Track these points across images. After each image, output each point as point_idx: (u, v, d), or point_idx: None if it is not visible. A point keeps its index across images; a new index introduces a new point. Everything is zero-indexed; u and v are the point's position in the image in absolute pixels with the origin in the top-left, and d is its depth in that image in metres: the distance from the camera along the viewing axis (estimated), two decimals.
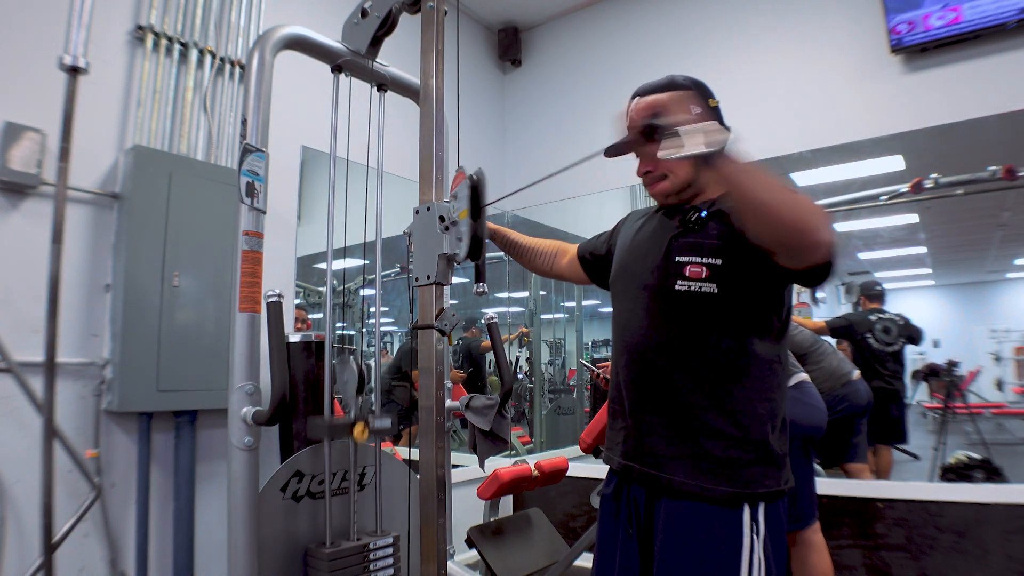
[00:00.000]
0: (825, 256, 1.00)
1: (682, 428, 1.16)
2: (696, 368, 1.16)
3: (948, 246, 6.02)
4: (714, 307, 1.15)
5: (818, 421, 2.33)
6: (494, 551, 2.33)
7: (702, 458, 1.13)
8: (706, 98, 1.28)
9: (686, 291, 1.16)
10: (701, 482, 1.13)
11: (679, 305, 1.18)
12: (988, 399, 5.72)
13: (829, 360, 3.12)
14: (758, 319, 1.16)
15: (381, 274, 2.02)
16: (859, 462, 3.21)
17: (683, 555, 1.12)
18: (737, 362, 1.15)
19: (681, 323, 1.18)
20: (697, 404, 1.15)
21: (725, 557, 1.10)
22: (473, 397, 2.08)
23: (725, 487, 1.12)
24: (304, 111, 2.62)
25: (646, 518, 1.20)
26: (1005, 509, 2.26)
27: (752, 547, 1.10)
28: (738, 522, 1.11)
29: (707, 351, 1.15)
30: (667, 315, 1.19)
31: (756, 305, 1.16)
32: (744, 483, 1.12)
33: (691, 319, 1.17)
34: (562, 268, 1.60)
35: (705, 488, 1.12)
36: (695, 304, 1.16)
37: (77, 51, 1.73)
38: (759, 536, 1.11)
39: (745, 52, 3.18)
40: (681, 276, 1.18)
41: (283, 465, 1.73)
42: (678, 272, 1.18)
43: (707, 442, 1.13)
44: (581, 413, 4.54)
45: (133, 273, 2.00)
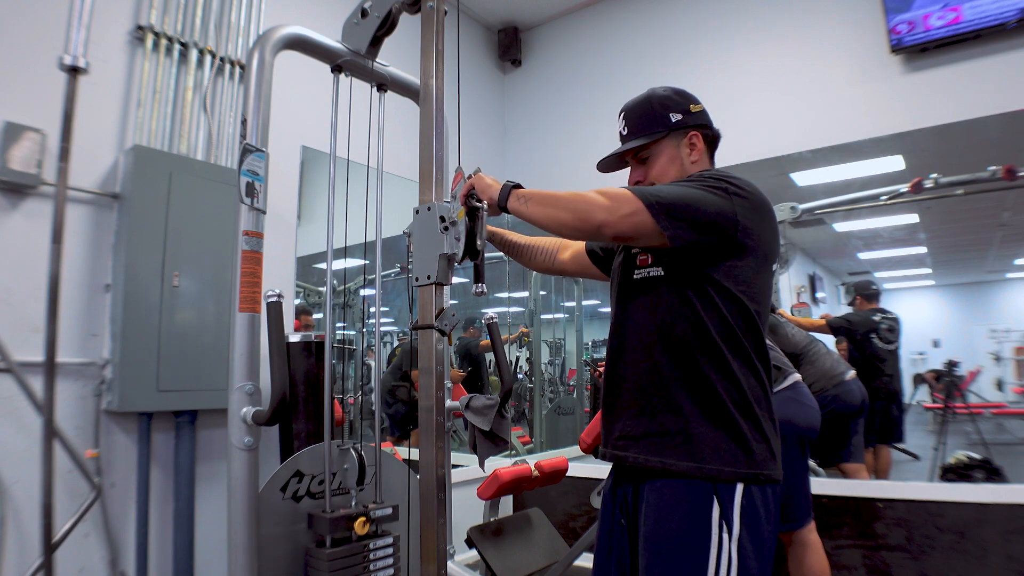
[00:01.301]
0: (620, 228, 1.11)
1: (644, 407, 1.21)
2: (657, 349, 1.21)
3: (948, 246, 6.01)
4: (664, 288, 1.22)
5: (812, 421, 2.34)
6: (494, 551, 2.33)
7: (662, 435, 1.18)
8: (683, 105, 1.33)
9: (642, 278, 1.26)
10: (662, 458, 1.17)
11: (637, 292, 1.27)
12: (988, 399, 5.71)
13: (823, 361, 3.12)
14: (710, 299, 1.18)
15: (381, 274, 2.02)
16: (856, 462, 3.20)
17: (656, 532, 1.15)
18: (695, 341, 1.18)
19: (641, 308, 1.25)
20: (657, 383, 1.20)
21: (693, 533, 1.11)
22: (473, 397, 2.08)
23: (688, 462, 1.14)
24: (304, 111, 2.62)
25: (634, 507, 1.24)
26: (1005, 509, 2.26)
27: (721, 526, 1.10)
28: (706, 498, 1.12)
29: (666, 332, 1.20)
30: (630, 303, 1.28)
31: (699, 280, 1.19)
32: (708, 458, 1.13)
33: (648, 303, 1.24)
34: (564, 263, 1.61)
35: (666, 463, 1.16)
36: (648, 288, 1.24)
37: (77, 51, 1.73)
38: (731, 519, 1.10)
39: (745, 52, 3.18)
40: (636, 266, 1.28)
41: (283, 465, 1.73)
42: (633, 262, 1.29)
43: (665, 417, 1.18)
44: (581, 413, 4.54)
45: (133, 273, 2.00)
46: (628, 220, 1.10)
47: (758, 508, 1.13)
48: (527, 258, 1.64)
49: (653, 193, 1.13)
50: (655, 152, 1.32)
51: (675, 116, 1.31)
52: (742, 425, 1.15)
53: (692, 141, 1.32)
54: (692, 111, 1.33)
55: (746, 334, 1.19)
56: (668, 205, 1.11)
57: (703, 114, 1.35)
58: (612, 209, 1.10)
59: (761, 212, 1.20)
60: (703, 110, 1.35)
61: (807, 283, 5.12)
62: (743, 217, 1.16)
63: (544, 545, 2.50)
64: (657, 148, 1.32)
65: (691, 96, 1.35)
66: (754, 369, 1.19)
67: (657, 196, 1.12)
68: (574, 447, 3.60)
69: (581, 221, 1.12)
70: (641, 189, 1.14)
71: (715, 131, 1.36)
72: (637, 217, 1.10)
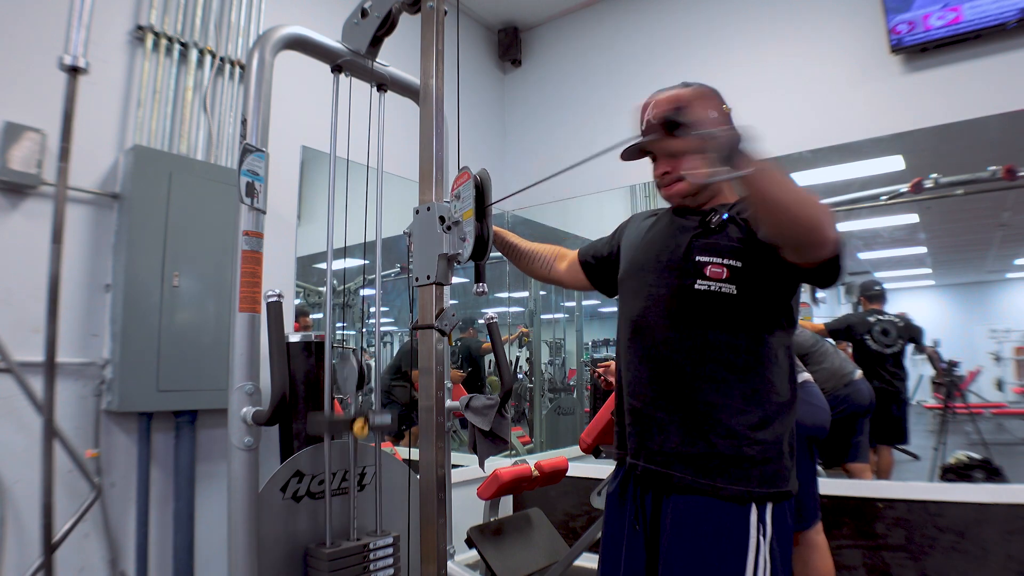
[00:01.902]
0: (832, 252, 1.03)
1: (695, 426, 1.17)
2: (712, 367, 1.17)
3: (948, 246, 6.01)
4: (732, 308, 1.17)
5: (822, 421, 2.33)
6: (494, 551, 2.33)
7: (713, 456, 1.15)
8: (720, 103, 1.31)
9: (706, 291, 1.18)
10: (712, 480, 1.14)
11: (698, 304, 1.19)
12: (988, 399, 5.71)
13: (831, 360, 3.12)
14: (772, 321, 1.19)
15: (381, 274, 2.02)
16: (861, 462, 3.20)
17: (689, 551, 1.13)
18: (751, 362, 1.17)
19: (699, 322, 1.19)
20: (711, 402, 1.16)
21: (730, 555, 1.11)
22: (473, 397, 2.08)
23: (736, 486, 1.13)
24: (304, 111, 2.61)
25: (652, 514, 1.22)
26: (1005, 509, 2.26)
27: (758, 547, 1.11)
28: (745, 521, 1.12)
29: (723, 350, 1.17)
30: (685, 314, 1.21)
31: (770, 307, 1.19)
32: (754, 482, 1.13)
33: (709, 318, 1.18)
34: (560, 273, 1.59)
35: (716, 486, 1.14)
36: (713, 304, 1.18)
37: (77, 51, 1.73)
38: (765, 537, 1.12)
39: (745, 52, 3.18)
40: (701, 276, 1.19)
41: (283, 465, 1.73)
42: (698, 272, 1.20)
43: (719, 440, 1.15)
44: (581, 413, 4.54)
45: (133, 273, 2.00)
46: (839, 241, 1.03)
47: (786, 523, 1.16)
48: (525, 263, 1.63)
49: None
50: None
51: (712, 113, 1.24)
52: (784, 448, 1.17)
53: None
54: (724, 111, 1.31)
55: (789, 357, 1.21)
56: None
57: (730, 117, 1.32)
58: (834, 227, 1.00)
59: None
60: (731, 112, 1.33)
61: None
62: None
63: (544, 545, 2.50)
64: None
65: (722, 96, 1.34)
66: (793, 391, 1.21)
67: None
68: (574, 447, 3.60)
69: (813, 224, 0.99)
70: None
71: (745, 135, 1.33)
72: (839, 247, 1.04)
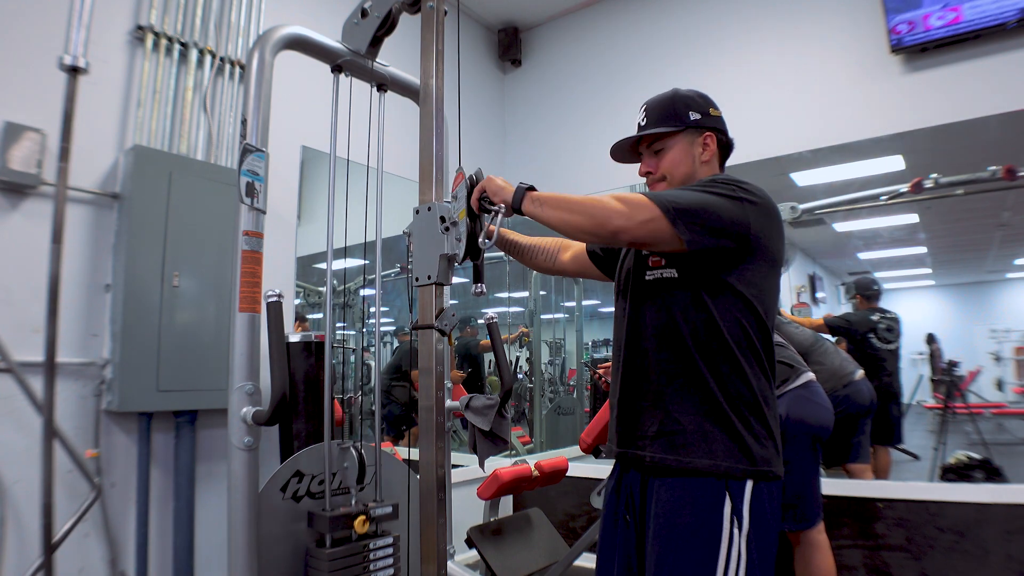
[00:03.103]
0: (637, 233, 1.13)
1: (660, 406, 1.23)
2: (671, 349, 1.23)
3: (948, 246, 6.01)
4: (678, 289, 1.24)
5: (826, 420, 2.32)
6: (494, 551, 2.33)
7: (678, 433, 1.20)
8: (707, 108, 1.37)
9: (655, 279, 1.28)
10: (678, 455, 1.19)
11: (650, 292, 1.29)
12: (988, 399, 5.71)
13: (831, 359, 3.11)
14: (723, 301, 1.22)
15: (381, 274, 2.02)
16: (862, 462, 3.19)
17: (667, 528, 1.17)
18: (708, 341, 1.21)
19: (654, 309, 1.28)
20: (672, 382, 1.23)
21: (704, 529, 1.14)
22: (473, 397, 2.08)
23: (703, 459, 1.17)
24: (304, 111, 2.62)
25: (641, 503, 1.26)
26: (1005, 509, 2.26)
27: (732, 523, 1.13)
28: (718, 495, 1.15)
29: (680, 332, 1.23)
30: (643, 303, 1.30)
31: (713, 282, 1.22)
32: (719, 456, 1.16)
33: (661, 304, 1.26)
34: (564, 263, 1.62)
35: (682, 460, 1.18)
36: (663, 290, 1.27)
37: (77, 51, 1.73)
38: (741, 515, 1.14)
39: (745, 52, 3.18)
40: (648, 267, 1.30)
41: (283, 465, 1.73)
42: (646, 263, 1.31)
43: (683, 417, 1.20)
44: (581, 413, 4.54)
45: (133, 273, 2.00)
46: (645, 226, 1.12)
47: (765, 504, 1.17)
48: (528, 258, 1.65)
49: (669, 199, 1.15)
50: (669, 145, 1.36)
51: (694, 115, 1.35)
52: (753, 424, 1.19)
53: (706, 141, 1.36)
54: (711, 114, 1.38)
55: (756, 335, 1.23)
56: (684, 211, 1.14)
57: (721, 120, 1.40)
58: (629, 215, 1.12)
59: (771, 218, 1.25)
60: (721, 117, 1.40)
61: (807, 283, 5.12)
62: (755, 223, 1.19)
63: (544, 545, 2.50)
64: (671, 141, 1.36)
65: (712, 101, 1.40)
66: (763, 369, 1.23)
67: (673, 202, 1.14)
68: (574, 447, 3.60)
69: (598, 226, 1.14)
70: (657, 194, 1.16)
71: (730, 139, 1.41)
72: (654, 223, 1.13)
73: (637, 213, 1.12)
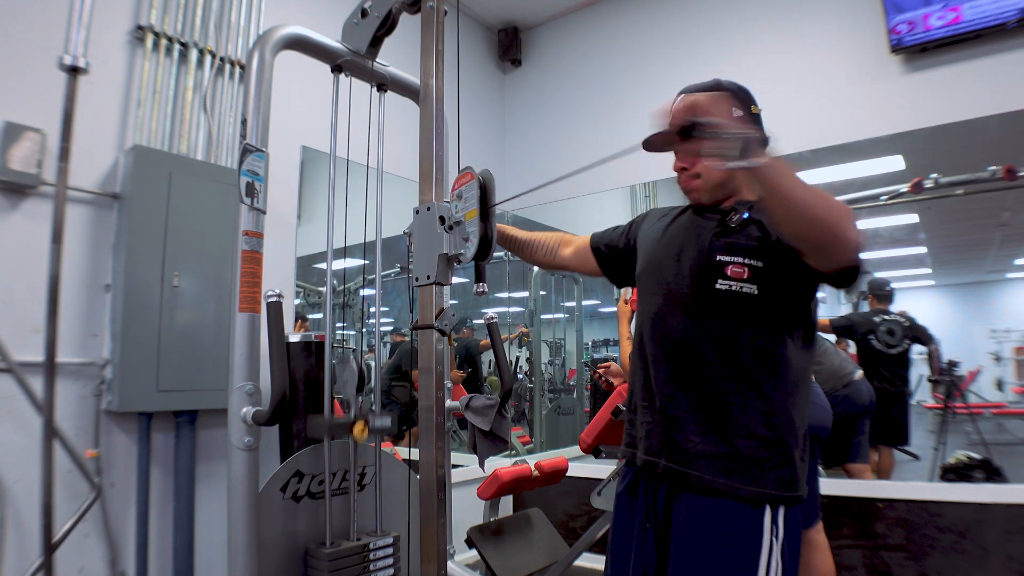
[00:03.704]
0: (853, 255, 1.02)
1: (714, 426, 1.17)
2: (732, 367, 1.17)
3: (948, 246, 6.01)
4: (753, 308, 1.16)
5: (824, 421, 2.33)
6: (494, 551, 2.33)
7: (732, 457, 1.15)
8: (748, 104, 1.29)
9: (726, 290, 1.17)
10: (730, 480, 1.14)
11: (718, 304, 1.18)
12: (988, 399, 5.71)
13: (831, 360, 3.11)
14: (792, 322, 1.18)
15: (381, 274, 2.02)
16: (861, 462, 3.20)
17: (701, 551, 1.14)
18: (771, 364, 1.16)
19: (719, 322, 1.18)
20: (731, 403, 1.16)
21: (743, 556, 1.11)
22: (473, 397, 2.08)
23: (753, 487, 1.13)
24: (304, 111, 2.62)
25: (664, 512, 1.21)
26: (1005, 509, 2.26)
27: (771, 549, 1.11)
28: (759, 523, 1.12)
29: (744, 351, 1.16)
30: (705, 313, 1.20)
31: (791, 308, 1.18)
32: (770, 484, 1.13)
33: (729, 318, 1.18)
34: (565, 258, 1.59)
35: (734, 487, 1.13)
36: (734, 304, 1.17)
37: (77, 51, 1.73)
38: (778, 539, 1.13)
39: (745, 52, 3.18)
40: (722, 275, 1.18)
41: (283, 465, 1.73)
42: (719, 271, 1.19)
43: (739, 441, 1.15)
44: (581, 413, 4.54)
45: (133, 273, 2.00)
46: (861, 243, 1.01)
47: (796, 526, 1.17)
48: (528, 253, 1.63)
49: None
50: None
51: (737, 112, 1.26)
52: (795, 451, 1.16)
53: None
54: (753, 112, 1.29)
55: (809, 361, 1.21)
56: None
57: (759, 117, 1.31)
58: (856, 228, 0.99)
59: None
60: (760, 113, 1.31)
61: None
62: None
63: (544, 545, 2.50)
64: None
65: (753, 97, 1.32)
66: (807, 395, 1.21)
67: None
68: (574, 447, 3.60)
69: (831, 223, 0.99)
70: None
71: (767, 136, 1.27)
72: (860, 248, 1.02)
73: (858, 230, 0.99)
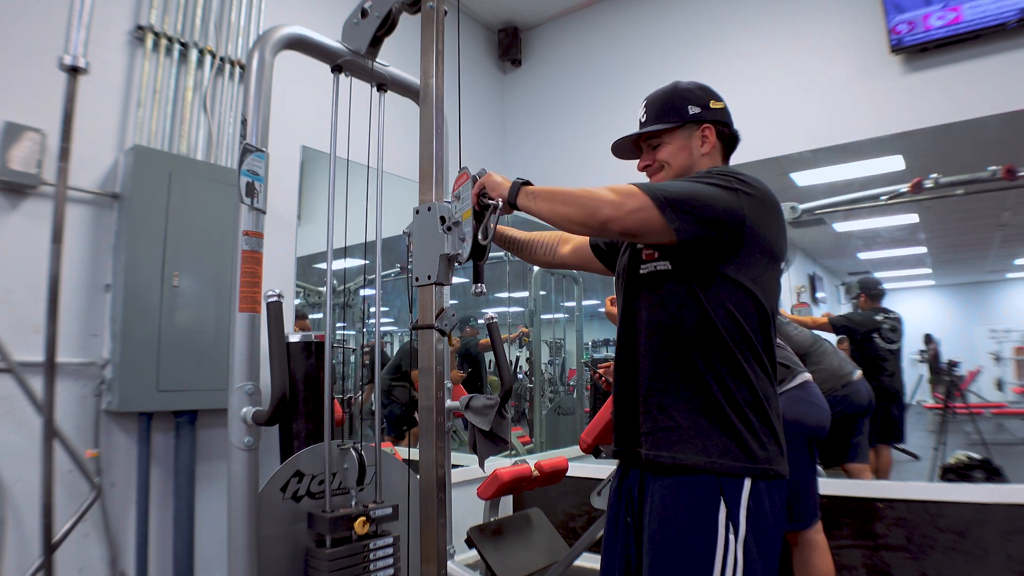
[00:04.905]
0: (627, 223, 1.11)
1: (655, 401, 1.21)
2: (667, 344, 1.21)
3: (948, 246, 6.01)
4: (671, 282, 1.22)
5: (822, 421, 2.33)
6: (494, 551, 2.33)
7: (672, 429, 1.18)
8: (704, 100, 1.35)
9: (649, 272, 1.26)
10: (672, 451, 1.17)
11: (644, 286, 1.27)
12: (988, 399, 5.71)
13: (829, 360, 3.11)
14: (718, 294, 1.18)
15: (381, 274, 2.02)
16: (860, 462, 3.20)
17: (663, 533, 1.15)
18: (704, 336, 1.18)
19: (648, 303, 1.26)
20: (667, 378, 1.20)
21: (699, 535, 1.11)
22: (473, 397, 2.08)
23: (696, 456, 1.14)
24: (304, 111, 2.62)
25: (639, 503, 1.24)
26: (1005, 509, 2.26)
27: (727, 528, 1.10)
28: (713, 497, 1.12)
29: (675, 326, 1.21)
30: (637, 299, 1.28)
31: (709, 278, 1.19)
32: (714, 453, 1.14)
33: (655, 298, 1.24)
34: (565, 256, 1.62)
35: (675, 457, 1.16)
36: (655, 283, 1.25)
37: (77, 51, 1.73)
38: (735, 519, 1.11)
39: (745, 52, 3.18)
40: (641, 260, 1.28)
41: (283, 465, 1.73)
42: (639, 256, 1.29)
43: (676, 413, 1.18)
44: (581, 413, 4.54)
45: (133, 273, 2.00)
46: (634, 215, 1.11)
47: (764, 507, 1.13)
48: (528, 253, 1.65)
49: (660, 188, 1.13)
50: (667, 140, 1.35)
51: (693, 109, 1.33)
52: (753, 421, 1.15)
53: (704, 134, 1.33)
54: (712, 107, 1.35)
55: (755, 330, 1.19)
56: (674, 200, 1.12)
57: (723, 112, 1.37)
58: (619, 205, 1.11)
59: (769, 209, 1.22)
60: (724, 108, 1.37)
61: (807, 283, 5.11)
62: (750, 213, 1.17)
63: (544, 545, 2.50)
64: (670, 136, 1.35)
65: (714, 93, 1.38)
66: (763, 366, 1.20)
67: (664, 191, 1.13)
68: (574, 447, 3.60)
69: (588, 216, 1.12)
70: (648, 185, 1.15)
71: (734, 131, 1.38)
72: (644, 212, 1.11)
73: (627, 202, 1.11)
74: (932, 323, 3.99)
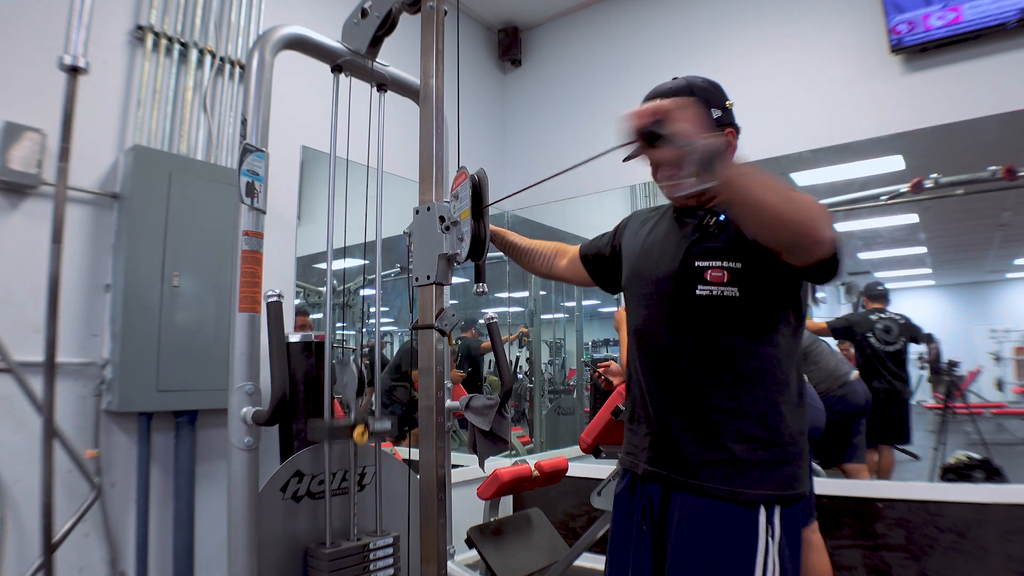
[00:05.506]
0: (829, 251, 0.99)
1: (710, 435, 1.15)
2: (722, 372, 1.16)
3: (948, 246, 6.02)
4: (736, 310, 1.15)
5: (817, 421, 2.33)
6: (494, 551, 2.33)
7: (731, 462, 1.13)
8: (722, 100, 1.28)
9: (708, 296, 1.16)
10: (731, 486, 1.13)
11: (701, 310, 1.17)
12: (988, 399, 5.71)
13: (827, 360, 3.12)
14: (778, 320, 1.16)
15: (381, 274, 2.02)
16: (857, 462, 3.21)
17: (697, 551, 1.13)
18: (762, 364, 1.15)
19: (704, 328, 1.17)
20: (724, 408, 1.15)
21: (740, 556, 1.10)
22: (473, 397, 2.08)
23: (753, 490, 1.12)
24: (304, 111, 2.61)
25: (660, 511, 1.20)
26: (1005, 509, 2.26)
27: (767, 548, 1.10)
28: (754, 523, 1.11)
29: (731, 355, 1.15)
30: (689, 320, 1.18)
31: (776, 306, 1.17)
32: (771, 485, 1.12)
33: (713, 323, 1.16)
34: (561, 269, 1.59)
35: (735, 491, 1.12)
36: (717, 308, 1.16)
37: (77, 51, 1.73)
38: (774, 539, 1.11)
39: (745, 52, 3.18)
40: (702, 281, 1.17)
41: (283, 465, 1.73)
42: (699, 277, 1.17)
43: (735, 445, 1.13)
44: (581, 413, 4.54)
45: (133, 273, 2.00)
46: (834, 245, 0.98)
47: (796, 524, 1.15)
48: (526, 260, 1.63)
49: None
50: None
51: (715, 112, 1.24)
52: (794, 452, 1.15)
53: (729, 140, 1.25)
54: (728, 107, 1.27)
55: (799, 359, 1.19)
56: None
57: (731, 111, 1.29)
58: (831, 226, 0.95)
59: None
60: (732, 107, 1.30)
61: None
62: None
63: (544, 545, 2.50)
64: None
65: (725, 92, 1.30)
66: (802, 394, 1.19)
67: None
68: (574, 447, 3.60)
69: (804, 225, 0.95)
70: None
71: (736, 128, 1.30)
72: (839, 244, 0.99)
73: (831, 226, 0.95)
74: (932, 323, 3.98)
